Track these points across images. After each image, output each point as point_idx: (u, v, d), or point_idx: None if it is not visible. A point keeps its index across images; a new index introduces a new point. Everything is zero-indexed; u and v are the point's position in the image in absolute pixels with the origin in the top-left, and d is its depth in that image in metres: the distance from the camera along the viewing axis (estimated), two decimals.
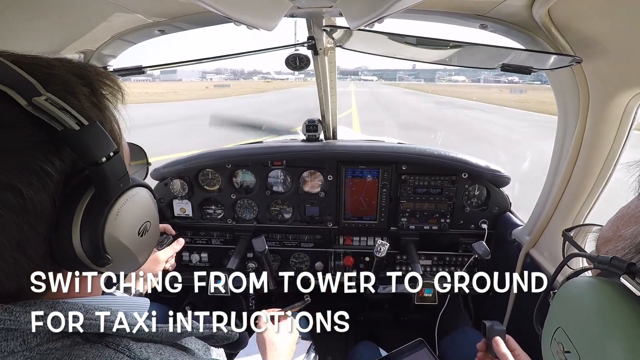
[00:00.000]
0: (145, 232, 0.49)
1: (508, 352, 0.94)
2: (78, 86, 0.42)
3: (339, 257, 1.90)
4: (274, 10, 0.93)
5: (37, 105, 0.36)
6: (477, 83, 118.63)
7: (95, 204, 0.41)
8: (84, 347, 0.42)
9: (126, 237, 0.45)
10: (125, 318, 0.46)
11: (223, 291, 1.53)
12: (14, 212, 0.36)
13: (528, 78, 2.36)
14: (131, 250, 0.47)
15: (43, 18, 0.91)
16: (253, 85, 66.67)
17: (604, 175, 1.10)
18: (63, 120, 0.37)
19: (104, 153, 0.40)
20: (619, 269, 0.46)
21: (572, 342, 0.50)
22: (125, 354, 0.44)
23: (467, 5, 1.04)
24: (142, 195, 0.48)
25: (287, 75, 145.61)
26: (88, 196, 0.41)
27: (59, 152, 0.39)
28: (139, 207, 0.47)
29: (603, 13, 0.81)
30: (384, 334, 2.22)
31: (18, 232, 0.37)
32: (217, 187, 1.83)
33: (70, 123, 0.37)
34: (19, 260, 0.38)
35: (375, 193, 1.75)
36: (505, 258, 1.59)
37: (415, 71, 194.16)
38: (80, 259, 0.42)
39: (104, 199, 0.42)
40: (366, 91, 44.68)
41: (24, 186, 0.36)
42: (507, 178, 1.68)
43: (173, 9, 1.13)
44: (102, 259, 0.43)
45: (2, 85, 0.35)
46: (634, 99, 0.94)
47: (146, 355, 0.45)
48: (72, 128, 0.37)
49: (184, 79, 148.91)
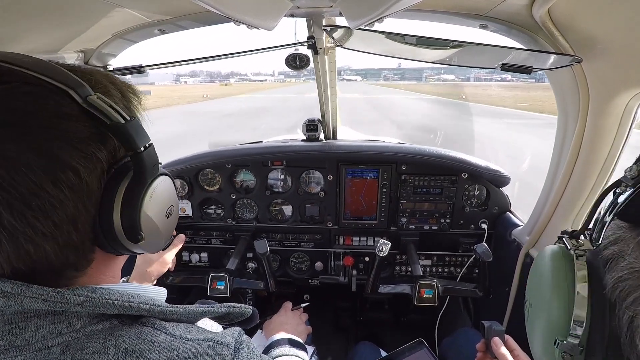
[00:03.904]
0: (170, 214, 0.57)
1: (507, 352, 0.94)
2: (113, 90, 0.50)
3: (338, 257, 1.90)
4: (274, 10, 0.93)
5: (91, 102, 0.43)
6: (467, 82, 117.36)
7: (134, 187, 0.48)
8: (123, 327, 0.47)
9: (156, 217, 0.52)
10: (155, 300, 0.51)
11: (223, 291, 1.53)
12: (73, 190, 0.42)
13: (523, 77, 2.35)
14: (160, 230, 0.54)
15: (43, 16, 0.91)
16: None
17: (604, 175, 1.10)
18: (111, 115, 0.44)
19: (142, 143, 0.47)
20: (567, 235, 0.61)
21: (527, 292, 0.71)
22: (162, 331, 0.49)
23: (467, 5, 1.04)
24: (169, 182, 0.56)
25: (265, 76, 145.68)
26: (127, 180, 0.48)
27: (105, 142, 0.46)
28: (167, 192, 0.55)
29: (603, 13, 0.81)
30: (384, 335, 2.22)
31: (74, 209, 0.43)
32: (217, 187, 1.83)
33: (117, 118, 0.45)
34: (71, 234, 0.43)
35: (375, 193, 1.75)
36: (505, 258, 1.59)
37: (401, 70, 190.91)
38: (118, 236, 0.48)
39: (142, 182, 0.49)
40: (360, 99, 34.01)
41: (82, 168, 0.43)
42: (507, 178, 1.68)
43: (173, 8, 1.13)
44: (137, 235, 0.49)
45: (64, 85, 0.42)
46: (634, 99, 0.94)
47: (179, 332, 0.50)
48: (118, 122, 0.45)
49: (157, 82, 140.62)
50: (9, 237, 0.39)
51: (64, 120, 0.42)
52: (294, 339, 1.15)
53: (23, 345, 0.42)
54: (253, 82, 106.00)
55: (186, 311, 0.55)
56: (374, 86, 73.88)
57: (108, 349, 0.44)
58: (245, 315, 0.67)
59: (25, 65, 0.41)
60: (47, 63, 0.44)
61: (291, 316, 1.33)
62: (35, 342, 0.42)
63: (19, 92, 0.40)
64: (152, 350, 0.45)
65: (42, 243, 0.41)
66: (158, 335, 0.48)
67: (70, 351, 0.43)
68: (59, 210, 0.41)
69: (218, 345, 0.49)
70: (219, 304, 0.63)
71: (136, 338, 0.46)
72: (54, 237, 0.42)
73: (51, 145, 0.40)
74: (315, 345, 1.41)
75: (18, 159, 0.38)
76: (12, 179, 0.38)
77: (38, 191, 0.39)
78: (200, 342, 0.49)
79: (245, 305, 0.67)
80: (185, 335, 0.50)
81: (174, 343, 0.48)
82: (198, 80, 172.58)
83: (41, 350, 0.42)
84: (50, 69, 0.43)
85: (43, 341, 0.42)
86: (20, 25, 0.90)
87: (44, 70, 0.42)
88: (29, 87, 0.41)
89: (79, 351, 0.43)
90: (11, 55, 0.42)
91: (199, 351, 0.47)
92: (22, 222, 0.39)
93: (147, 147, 0.48)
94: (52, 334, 0.43)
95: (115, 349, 0.44)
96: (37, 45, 1.03)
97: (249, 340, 0.55)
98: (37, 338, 0.42)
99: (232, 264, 1.64)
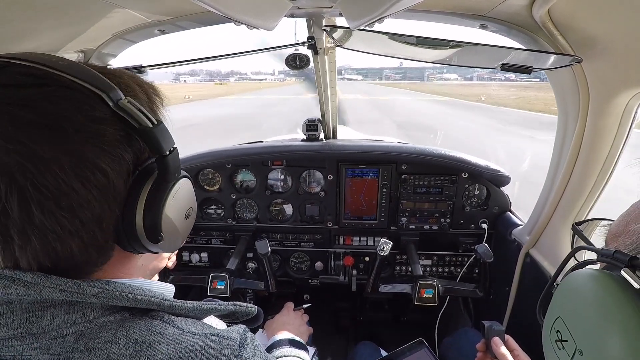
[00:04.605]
0: (189, 216, 0.58)
1: (507, 352, 0.94)
2: (140, 93, 0.52)
3: (338, 257, 1.90)
4: (274, 10, 0.93)
5: (122, 106, 0.45)
6: (470, 81, 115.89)
7: (158, 189, 0.49)
8: (134, 320, 0.49)
9: (176, 219, 0.53)
10: (164, 295, 0.53)
11: (223, 291, 1.53)
12: (100, 191, 0.43)
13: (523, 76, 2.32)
14: (179, 231, 0.55)
15: (43, 16, 0.91)
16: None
17: (604, 175, 1.10)
18: (140, 119, 0.45)
19: (168, 147, 0.49)
20: (621, 262, 0.46)
21: (570, 331, 0.51)
22: (170, 324, 0.51)
23: (467, 5, 1.04)
24: (189, 185, 0.57)
25: (265, 75, 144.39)
26: (151, 182, 0.49)
27: (132, 144, 0.47)
28: (187, 194, 0.56)
29: (603, 13, 0.81)
30: (384, 334, 2.22)
31: (100, 209, 0.44)
32: (217, 187, 1.83)
33: (145, 122, 0.46)
34: (96, 233, 0.45)
35: (375, 193, 1.75)
36: (505, 258, 1.59)
37: (403, 69, 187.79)
38: (139, 236, 0.49)
39: (165, 185, 0.50)
40: (364, 100, 30.17)
41: (110, 170, 0.44)
42: (507, 177, 1.68)
43: (173, 9, 1.13)
44: (157, 235, 0.50)
45: (97, 89, 0.44)
46: (634, 99, 0.94)
47: (186, 327, 0.52)
48: (147, 126, 0.46)
49: (156, 81, 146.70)
50: (38, 234, 0.41)
51: (96, 124, 0.43)
52: (296, 340, 1.15)
53: (39, 333, 0.43)
54: (252, 82, 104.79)
55: (194, 307, 0.56)
56: (377, 86, 70.71)
57: (119, 339, 0.46)
58: (250, 315, 0.68)
59: (61, 69, 0.43)
60: (80, 66, 0.45)
61: (293, 316, 1.33)
62: (50, 330, 0.44)
63: (56, 96, 0.41)
64: (160, 342, 0.47)
65: (68, 241, 0.43)
66: (167, 328, 0.50)
67: (83, 340, 0.45)
68: (87, 209, 0.43)
69: (224, 340, 0.51)
70: (226, 302, 0.64)
71: (146, 330, 0.48)
72: (80, 236, 0.43)
73: (83, 148, 0.42)
74: (315, 345, 1.41)
75: (52, 160, 0.40)
76: (45, 179, 0.39)
77: (68, 191, 0.41)
78: (207, 336, 0.50)
79: (251, 304, 0.68)
80: (192, 329, 0.51)
81: (182, 336, 0.49)
82: (197, 79, 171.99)
83: (56, 338, 0.44)
84: (85, 72, 0.44)
85: (58, 330, 0.44)
86: (20, 25, 0.90)
87: (79, 73, 0.43)
88: (65, 91, 0.42)
89: (92, 340, 0.45)
90: (46, 58, 0.44)
91: (205, 344, 0.49)
92: (52, 220, 0.41)
93: (172, 150, 0.50)
94: (66, 323, 0.44)
95: (126, 339, 0.46)
96: (38, 45, 1.03)
97: (254, 337, 0.56)
98: (53, 327, 0.44)
99: (232, 264, 1.64)
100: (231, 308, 0.64)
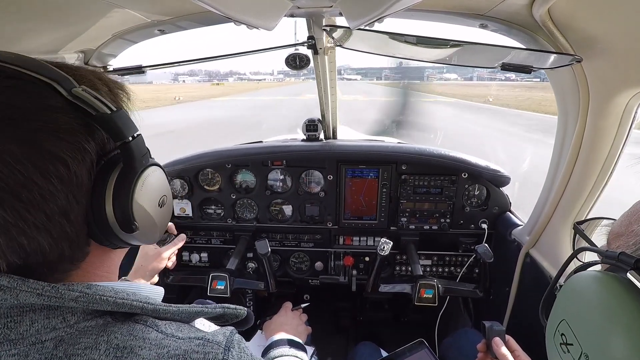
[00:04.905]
0: (163, 204, 0.57)
1: (508, 353, 0.94)
2: (100, 84, 0.50)
3: (338, 257, 1.90)
4: (274, 10, 0.93)
5: (75, 94, 0.44)
6: (470, 81, 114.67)
7: (125, 176, 0.48)
8: (116, 324, 0.48)
9: (149, 207, 0.52)
10: (149, 299, 0.52)
11: (223, 291, 1.53)
12: (62, 182, 0.42)
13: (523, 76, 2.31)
14: (154, 220, 0.54)
15: (43, 16, 0.91)
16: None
17: (604, 175, 1.09)
18: (97, 106, 0.44)
19: (130, 133, 0.48)
20: (627, 265, 0.46)
21: (575, 335, 0.50)
22: (153, 329, 0.50)
23: (467, 4, 1.04)
24: (160, 172, 0.56)
25: (264, 75, 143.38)
26: (117, 170, 0.48)
27: (93, 134, 0.46)
28: (158, 182, 0.55)
29: (603, 12, 0.81)
30: (384, 334, 2.22)
31: (65, 200, 0.43)
32: (217, 187, 1.83)
33: (103, 108, 0.45)
34: (64, 226, 0.44)
35: (375, 193, 1.75)
36: (505, 258, 1.59)
37: (402, 69, 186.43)
38: (112, 227, 0.48)
39: (132, 172, 0.49)
40: (362, 101, 28.04)
41: (70, 160, 0.43)
42: (507, 178, 1.68)
43: (173, 9, 1.13)
44: (130, 225, 0.49)
45: (48, 78, 0.43)
46: (634, 98, 0.94)
47: (170, 331, 0.51)
48: (105, 112, 0.45)
49: (155, 81, 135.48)
50: (1, 230, 0.39)
51: (48, 112, 0.42)
52: (294, 340, 1.15)
53: (17, 339, 0.42)
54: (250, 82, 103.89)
55: (179, 310, 0.55)
56: (377, 86, 70.41)
57: (99, 345, 0.44)
58: (239, 317, 0.67)
59: (7, 60, 0.41)
60: (30, 58, 0.44)
61: (291, 317, 1.33)
62: (29, 336, 0.43)
63: (2, 86, 0.40)
64: (142, 347, 0.46)
65: (35, 235, 0.41)
66: (150, 332, 0.48)
67: (62, 346, 0.43)
68: (50, 202, 0.41)
69: (208, 344, 0.49)
70: (214, 305, 0.63)
71: (128, 334, 0.47)
72: (47, 229, 0.42)
73: (35, 137, 0.40)
74: (315, 345, 1.41)
75: (3, 151, 0.38)
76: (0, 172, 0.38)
77: (27, 183, 0.40)
78: (191, 340, 0.49)
79: (240, 307, 0.67)
80: (176, 333, 0.50)
81: (165, 341, 0.48)
82: (196, 80, 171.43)
83: (35, 344, 0.43)
84: (33, 63, 0.43)
85: (37, 335, 0.43)
86: (20, 25, 0.90)
87: (26, 64, 0.42)
88: (11, 81, 0.41)
89: (72, 346, 0.44)
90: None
91: (189, 349, 0.48)
92: (13, 215, 0.39)
93: (135, 137, 0.49)
94: (46, 329, 0.43)
95: (106, 344, 0.45)
96: (37, 46, 1.03)
97: (241, 339, 0.55)
98: (32, 332, 0.43)
99: (232, 264, 1.63)
100: (219, 310, 0.63)
